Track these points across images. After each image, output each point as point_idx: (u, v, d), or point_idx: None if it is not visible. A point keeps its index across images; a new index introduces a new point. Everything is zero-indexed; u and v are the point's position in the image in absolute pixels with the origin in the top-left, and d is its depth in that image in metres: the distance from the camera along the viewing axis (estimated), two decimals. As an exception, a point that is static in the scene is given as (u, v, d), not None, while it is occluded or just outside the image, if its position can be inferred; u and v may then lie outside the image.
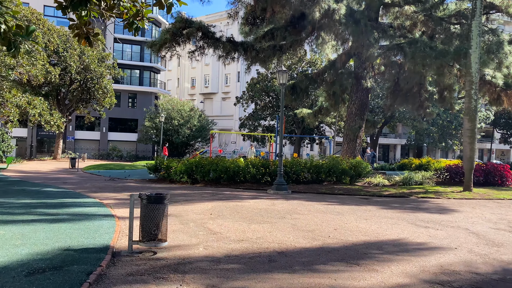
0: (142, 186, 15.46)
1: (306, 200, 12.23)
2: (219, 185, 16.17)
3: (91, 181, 17.44)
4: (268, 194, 13.74)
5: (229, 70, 61.30)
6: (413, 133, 49.86)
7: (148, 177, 18.86)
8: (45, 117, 29.42)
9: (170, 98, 43.70)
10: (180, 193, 13.26)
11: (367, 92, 22.16)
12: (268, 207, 10.49)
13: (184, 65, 66.77)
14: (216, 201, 11.44)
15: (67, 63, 32.64)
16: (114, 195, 12.32)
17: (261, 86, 41.38)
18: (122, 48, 51.36)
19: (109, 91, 36.58)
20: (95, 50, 35.32)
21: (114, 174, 21.03)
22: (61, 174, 20.59)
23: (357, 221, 8.74)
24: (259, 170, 16.09)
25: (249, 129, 43.79)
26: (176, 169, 16.71)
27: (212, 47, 18.13)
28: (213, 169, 16.19)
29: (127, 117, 50.72)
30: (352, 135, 21.39)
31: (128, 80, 51.70)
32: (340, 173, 17.03)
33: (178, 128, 40.05)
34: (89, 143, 48.54)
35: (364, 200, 13.05)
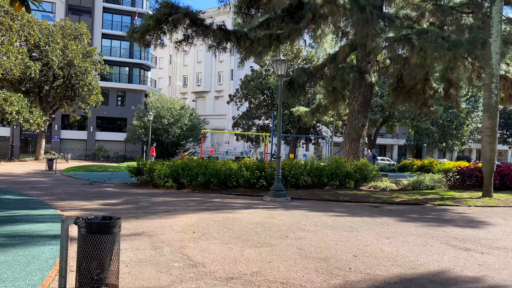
0: (119, 192, 13.56)
1: (309, 210, 10.42)
2: (208, 190, 14.32)
3: (64, 185, 15.50)
4: (265, 202, 11.92)
5: (222, 67, 59.51)
6: (411, 133, 48.35)
7: (130, 181, 16.96)
8: (23, 115, 27.36)
9: (160, 95, 41.70)
10: (161, 201, 11.38)
11: (371, 87, 20.43)
12: (265, 220, 8.67)
13: (176, 63, 64.83)
14: (203, 212, 9.60)
15: (49, 58, 30.57)
16: (83, 205, 10.42)
17: (256, 84, 39.57)
18: (110, 44, 49.28)
19: (95, 88, 34.53)
20: (79, 45, 33.27)
21: (93, 177, 19.10)
22: (34, 177, 18.62)
23: (378, 241, 6.94)
24: (254, 173, 14.27)
25: (243, 129, 41.96)
26: (160, 172, 14.84)
27: (201, 36, 16.25)
28: (201, 172, 14.34)
29: (115, 116, 48.64)
30: (355, 134, 19.63)
31: (117, 77, 49.63)
32: (344, 177, 15.26)
33: (168, 127, 38.09)
34: (76, 143, 46.42)
35: (375, 209, 11.27)
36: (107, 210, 9.51)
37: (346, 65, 21.25)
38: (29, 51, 31.49)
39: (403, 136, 62.89)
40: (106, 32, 48.06)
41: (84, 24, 35.44)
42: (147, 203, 10.90)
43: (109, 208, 9.85)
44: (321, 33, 21.59)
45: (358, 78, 20.07)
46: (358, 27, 16.86)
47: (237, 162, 16.17)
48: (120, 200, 11.51)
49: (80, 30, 34.48)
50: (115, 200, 11.40)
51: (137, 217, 8.69)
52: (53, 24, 34.28)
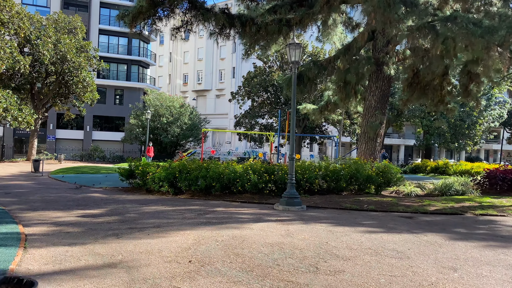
0: (106, 199, 11.67)
1: (333, 223, 8.53)
2: (209, 196, 12.43)
3: (46, 190, 13.62)
4: (276, 212, 10.03)
5: (223, 65, 57.72)
6: (420, 132, 46.36)
7: (122, 185, 15.07)
8: (12, 112, 25.49)
9: (159, 93, 39.81)
10: (153, 211, 9.49)
11: (389, 81, 18.54)
12: (282, 239, 6.78)
13: (176, 61, 63.06)
14: (203, 227, 7.71)
15: (40, 52, 28.70)
16: (56, 217, 8.54)
17: (259, 80, 37.69)
18: (108, 40, 47.44)
19: (89, 85, 32.64)
20: (73, 39, 31.41)
21: (82, 180, 17.22)
22: (16, 181, 16.75)
23: (444, 274, 5.05)
24: (262, 177, 12.37)
25: (246, 128, 40.09)
26: (154, 175, 12.95)
27: (201, 21, 14.37)
28: (202, 175, 12.44)
29: (113, 115, 46.81)
30: (372, 132, 17.72)
31: (114, 75, 47.81)
32: (365, 181, 13.36)
33: (167, 127, 36.20)
34: (72, 143, 44.58)
35: (409, 220, 9.38)
36: (83, 225, 7.63)
37: (361, 56, 19.36)
38: (20, 45, 29.64)
39: (410, 136, 60.95)
40: (103, 28, 46.24)
41: (79, 17, 33.57)
42: (136, 214, 9.03)
43: (87, 222, 7.97)
44: (333, 23, 19.73)
45: (375, 71, 18.20)
46: (379, 10, 14.93)
47: (242, 164, 14.31)
48: (104, 209, 9.63)
49: (74, 23, 32.62)
50: (98, 210, 9.52)
51: (118, 235, 6.80)
52: (46, 18, 32.43)
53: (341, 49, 19.82)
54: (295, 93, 11.25)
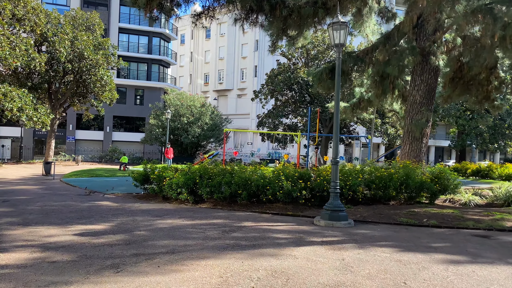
0: (116, 209, 10.03)
1: (397, 248, 6.59)
2: (234, 206, 10.65)
3: (51, 197, 12.11)
4: (318, 228, 8.15)
5: (245, 64, 56.09)
6: (454, 132, 43.56)
7: (136, 191, 13.45)
8: (26, 112, 24.37)
9: (179, 92, 38.40)
10: (168, 228, 7.75)
11: (436, 73, 16.36)
12: (341, 278, 4.91)
13: (197, 60, 61.80)
14: (230, 254, 5.91)
15: (56, 49, 27.59)
16: (50, 235, 6.90)
17: (283, 78, 35.79)
18: (128, 39, 46.40)
19: (108, 84, 31.41)
20: (91, 36, 30.24)
21: (94, 185, 15.72)
22: (22, 185, 15.38)
23: None
24: (297, 184, 10.49)
25: (269, 128, 38.24)
26: (172, 181, 11.25)
27: (225, 4, 12.63)
28: (226, 181, 10.67)
29: (133, 115, 45.71)
30: (417, 131, 15.60)
31: (135, 74, 46.74)
32: (418, 188, 11.32)
33: (187, 127, 34.69)
34: (92, 144, 43.67)
35: (490, 241, 7.35)
36: (78, 249, 5.94)
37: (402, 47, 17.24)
38: (36, 43, 28.63)
39: (440, 136, 57.91)
40: (123, 26, 45.22)
41: (97, 14, 32.42)
42: (147, 231, 7.31)
43: (83, 244, 6.28)
44: (368, 11, 17.72)
45: (420, 62, 16.09)
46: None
47: (267, 167, 12.49)
48: (109, 224, 7.95)
49: (92, 20, 31.48)
50: (102, 225, 7.85)
51: (119, 266, 5.07)
52: (64, 15, 31.42)
53: (380, 38, 17.72)
54: (339, 83, 9.34)
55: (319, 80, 18.04)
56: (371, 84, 19.78)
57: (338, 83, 9.38)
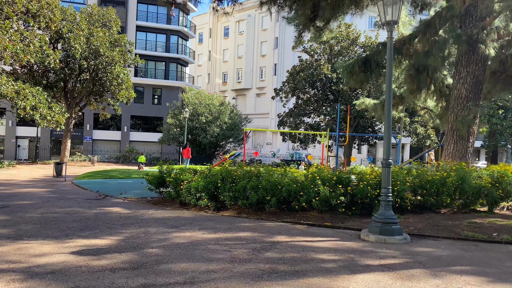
0: (127, 217, 8.72)
1: (487, 277, 5.05)
2: (262, 214, 9.23)
3: (56, 202, 10.90)
4: (369, 245, 6.65)
5: (264, 62, 54.65)
6: (486, 131, 41.16)
7: (151, 195, 12.14)
8: (40, 110, 23.49)
9: (197, 91, 37.23)
10: (185, 243, 6.36)
11: (484, 64, 14.60)
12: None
13: (215, 59, 60.67)
14: (268, 284, 4.47)
15: (71, 46, 26.67)
16: (41, 253, 5.59)
17: (305, 75, 34.20)
18: (145, 37, 45.50)
19: (124, 82, 30.43)
20: (107, 32, 29.29)
21: (107, 188, 14.53)
22: (30, 187, 14.27)
23: None
24: (335, 189, 9.00)
25: (290, 127, 36.70)
26: (191, 185, 9.89)
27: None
28: (252, 186, 9.24)
29: (151, 114, 44.80)
30: (464, 129, 13.89)
31: (152, 73, 45.85)
32: (476, 194, 9.68)
33: (206, 126, 33.45)
34: (109, 144, 42.91)
35: None
36: (69, 277, 4.59)
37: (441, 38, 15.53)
38: (51, 39, 27.82)
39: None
40: (140, 24, 44.34)
41: (113, 10, 31.50)
42: (160, 249, 5.94)
43: (78, 268, 4.93)
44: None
45: (467, 52, 14.36)
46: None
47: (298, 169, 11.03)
48: (116, 238, 6.61)
49: (109, 16, 30.56)
50: (107, 239, 6.52)
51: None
52: (80, 11, 30.60)
53: (420, 26, 15.99)
54: (390, 68, 7.82)
55: (350, 73, 16.52)
56: (405, 78, 18.06)
57: (389, 67, 7.86)
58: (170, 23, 45.06)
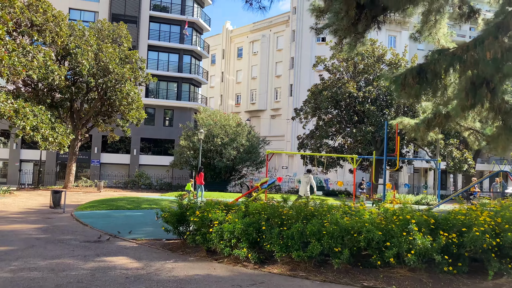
0: (137, 276, 6.02)
1: None
2: (327, 271, 6.47)
3: (43, 247, 8.25)
4: None
5: (279, 83, 52.57)
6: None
7: (167, 237, 9.43)
8: (42, 131, 21.18)
9: (212, 111, 34.89)
10: None
11: None
12: None
13: (228, 80, 58.83)
14: None
15: (78, 62, 24.55)
16: None
17: (329, 94, 31.72)
18: (157, 57, 43.64)
19: (135, 101, 28.18)
20: (117, 48, 27.24)
21: (112, 223, 11.88)
22: (18, 222, 11.65)
23: None
24: (436, 237, 6.23)
25: (311, 150, 34.01)
26: (223, 227, 7.20)
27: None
28: (312, 231, 6.52)
29: (161, 137, 42.45)
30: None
31: (164, 94, 43.77)
32: None
33: (221, 149, 30.91)
34: (118, 168, 40.42)
35: None
36: None
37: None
38: (58, 55, 25.80)
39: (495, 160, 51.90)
40: (152, 44, 42.56)
41: (124, 25, 29.56)
42: None
43: None
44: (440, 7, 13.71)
45: (554, 56, 11.72)
46: None
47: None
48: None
49: (119, 32, 28.61)
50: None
51: None
52: (89, 27, 28.73)
53: (490, 28, 13.40)
54: None
55: (402, 85, 13.86)
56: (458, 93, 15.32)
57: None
58: (183, 42, 43.28)
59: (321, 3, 15.92)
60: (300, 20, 49.44)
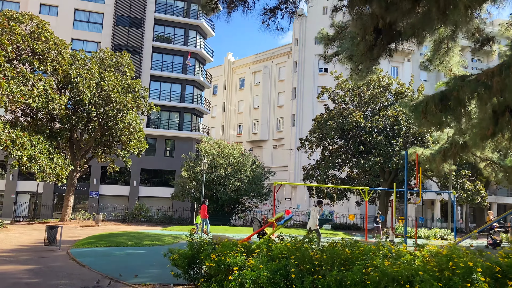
0: None
1: None
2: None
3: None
4: None
5: (282, 113, 52.17)
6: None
7: (175, 282, 8.31)
8: (39, 162, 20.24)
9: (215, 141, 34.08)
10: None
11: None
12: None
13: (230, 110, 58.52)
14: None
15: (79, 91, 23.90)
16: None
17: (334, 124, 31.00)
18: (160, 87, 43.24)
19: (136, 131, 27.41)
20: (120, 77, 26.71)
21: (113, 263, 10.75)
22: (8, 263, 10.51)
23: None
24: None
25: (317, 181, 32.98)
26: (245, 274, 6.15)
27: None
28: (354, 280, 5.49)
29: (162, 168, 41.39)
30: None
31: (165, 124, 43.09)
32: None
33: (225, 180, 29.88)
34: (117, 200, 39.12)
35: None
36: None
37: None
38: (59, 84, 25.21)
39: (502, 192, 50.78)
40: (155, 74, 42.24)
41: (127, 55, 29.17)
42: None
43: None
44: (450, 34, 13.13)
45: None
46: None
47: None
48: None
49: (122, 61, 28.18)
50: None
51: None
52: (91, 56, 28.33)
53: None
54: None
55: (423, 113, 13.06)
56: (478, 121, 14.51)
57: None
58: (185, 72, 43.05)
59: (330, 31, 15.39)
60: (302, 51, 49.55)
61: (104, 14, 40.63)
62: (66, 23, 38.59)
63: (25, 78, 19.96)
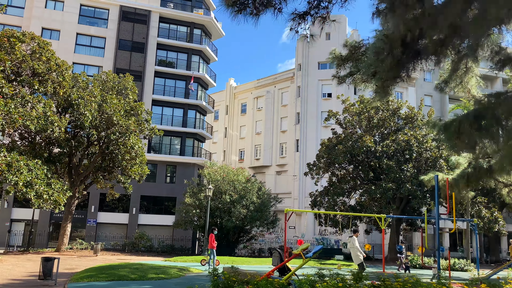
0: None
1: None
2: None
3: None
4: None
5: (285, 138, 51.20)
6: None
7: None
8: (36, 187, 18.98)
9: (220, 166, 32.89)
10: None
11: None
12: None
13: (231, 136, 57.59)
14: None
15: (80, 113, 22.90)
16: None
17: (343, 149, 29.96)
18: (161, 111, 42.32)
19: (138, 155, 26.26)
20: (122, 100, 25.79)
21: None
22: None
23: None
24: None
25: (326, 208, 31.64)
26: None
27: None
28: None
29: (163, 194, 39.89)
30: None
31: (167, 149, 41.93)
32: None
33: (230, 207, 28.53)
34: (115, 228, 37.43)
35: None
36: None
37: None
38: (59, 106, 24.23)
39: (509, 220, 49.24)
40: (157, 98, 41.42)
41: (130, 77, 28.37)
42: None
43: None
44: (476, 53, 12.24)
45: None
46: None
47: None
48: None
49: (125, 83, 27.34)
50: None
51: None
52: (93, 78, 27.52)
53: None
54: None
55: (455, 133, 12.04)
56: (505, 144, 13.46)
57: None
58: (188, 97, 42.29)
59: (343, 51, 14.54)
60: (305, 76, 49.12)
61: (106, 39, 40.17)
62: (67, 47, 38.00)
63: (24, 99, 18.97)
